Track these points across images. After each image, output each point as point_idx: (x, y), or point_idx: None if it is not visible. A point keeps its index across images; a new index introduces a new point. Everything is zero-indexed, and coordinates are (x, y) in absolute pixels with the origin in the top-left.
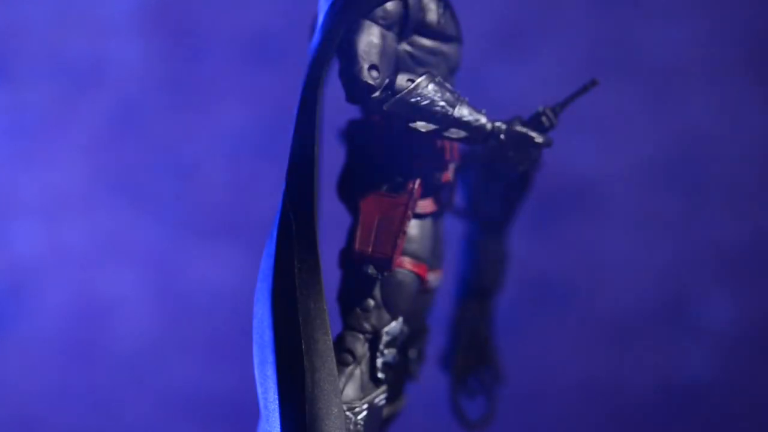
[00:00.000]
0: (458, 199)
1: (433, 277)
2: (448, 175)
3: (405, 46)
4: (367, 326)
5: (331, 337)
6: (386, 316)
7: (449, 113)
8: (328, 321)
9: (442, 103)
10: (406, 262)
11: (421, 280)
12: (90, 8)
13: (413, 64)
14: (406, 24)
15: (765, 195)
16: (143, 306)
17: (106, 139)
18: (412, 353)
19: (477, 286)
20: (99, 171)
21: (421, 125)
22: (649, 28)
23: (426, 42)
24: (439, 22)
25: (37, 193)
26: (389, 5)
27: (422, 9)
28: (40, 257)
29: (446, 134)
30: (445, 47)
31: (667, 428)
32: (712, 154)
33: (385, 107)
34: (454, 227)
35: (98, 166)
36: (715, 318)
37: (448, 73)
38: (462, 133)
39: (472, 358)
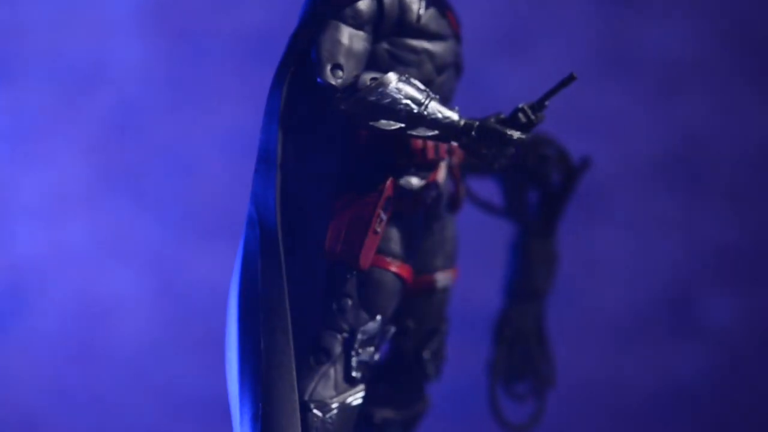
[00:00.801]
0: (499, 199)
1: (441, 277)
2: (437, 174)
3: (384, 45)
4: (344, 325)
5: (290, 336)
6: (364, 315)
7: (414, 111)
8: (289, 320)
9: (406, 101)
10: (384, 262)
11: (402, 280)
12: (90, 8)
13: (393, 63)
14: (382, 23)
15: (765, 195)
16: (143, 306)
17: (106, 139)
18: (426, 354)
19: (525, 289)
20: (99, 171)
21: (383, 124)
22: (649, 27)
23: (407, 41)
24: (418, 19)
25: (37, 193)
26: (361, 4)
27: (400, 7)
28: (40, 257)
29: (413, 133)
30: (430, 45)
31: (667, 428)
32: (712, 154)
33: (342, 106)
34: (488, 228)
35: (98, 166)
36: (716, 318)
37: (434, 71)
38: (430, 131)
39: (519, 361)
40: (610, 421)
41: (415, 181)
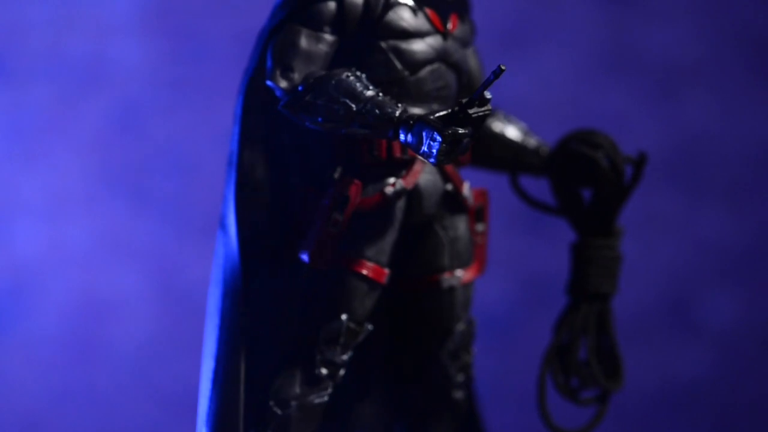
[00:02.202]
0: (553, 200)
1: (448, 277)
2: (412, 173)
3: (351, 45)
4: (309, 324)
5: (240, 335)
6: (328, 314)
7: (352, 109)
8: (242, 317)
9: (344, 99)
10: (350, 263)
11: (371, 281)
12: (90, 8)
13: (358, 62)
14: (345, 23)
15: (765, 195)
16: (144, 305)
17: (106, 139)
18: (444, 355)
19: (583, 289)
20: (99, 171)
21: (321, 123)
22: (649, 28)
23: (372, 40)
24: (381, 18)
25: (37, 193)
26: (320, 6)
27: (364, 7)
28: (40, 257)
29: (351, 131)
30: (399, 44)
31: (668, 428)
32: (712, 154)
33: (280, 107)
34: (520, 228)
35: (98, 166)
36: (716, 318)
37: (405, 70)
38: (366, 129)
39: (575, 364)
40: (610, 420)
41: (384, 181)
